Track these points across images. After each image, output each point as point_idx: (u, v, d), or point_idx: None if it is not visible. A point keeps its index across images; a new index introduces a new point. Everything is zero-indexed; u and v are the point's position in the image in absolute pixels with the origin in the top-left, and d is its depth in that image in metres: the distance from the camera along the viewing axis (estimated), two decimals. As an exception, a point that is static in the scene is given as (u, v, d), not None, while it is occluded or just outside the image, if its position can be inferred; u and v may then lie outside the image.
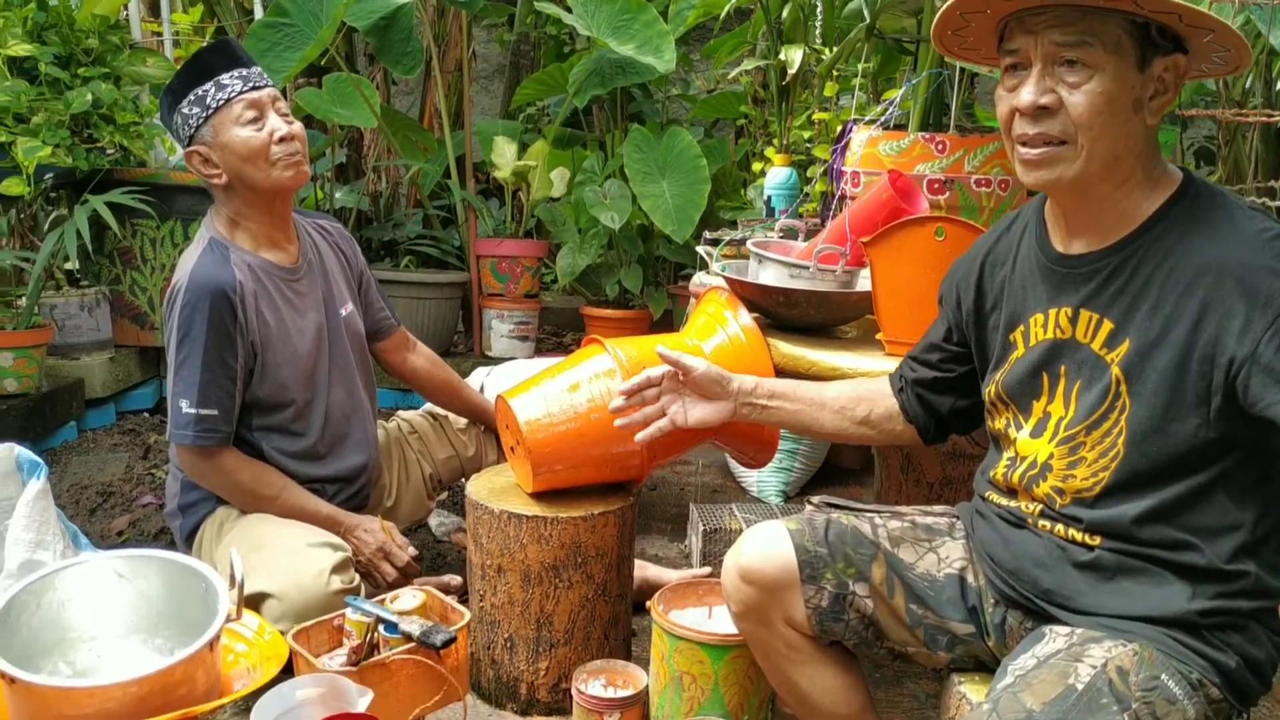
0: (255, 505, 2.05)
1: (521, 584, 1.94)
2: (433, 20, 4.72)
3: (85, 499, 2.78)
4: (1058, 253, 1.36)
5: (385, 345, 2.39)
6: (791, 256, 2.09)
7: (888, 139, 2.13)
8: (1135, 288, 1.27)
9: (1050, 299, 1.36)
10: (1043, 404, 1.37)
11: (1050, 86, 1.24)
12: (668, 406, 1.62)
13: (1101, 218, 1.31)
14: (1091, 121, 1.22)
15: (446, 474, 2.45)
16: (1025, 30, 1.25)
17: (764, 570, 1.49)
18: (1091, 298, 1.31)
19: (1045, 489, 1.35)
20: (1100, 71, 1.21)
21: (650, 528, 2.93)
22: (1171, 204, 1.28)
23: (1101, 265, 1.30)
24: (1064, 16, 1.22)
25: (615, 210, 3.73)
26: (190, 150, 2.02)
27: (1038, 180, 1.28)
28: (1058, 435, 1.34)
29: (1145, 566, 1.27)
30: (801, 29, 3.03)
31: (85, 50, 3.24)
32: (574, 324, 4.63)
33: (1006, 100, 1.29)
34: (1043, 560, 1.35)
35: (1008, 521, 1.42)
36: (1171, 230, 1.26)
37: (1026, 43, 1.25)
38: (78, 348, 3.41)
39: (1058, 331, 1.35)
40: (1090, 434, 1.30)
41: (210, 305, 1.95)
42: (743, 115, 4.21)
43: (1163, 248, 1.26)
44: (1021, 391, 1.40)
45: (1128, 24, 1.21)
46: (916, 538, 1.52)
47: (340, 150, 5.01)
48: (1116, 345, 1.28)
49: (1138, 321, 1.26)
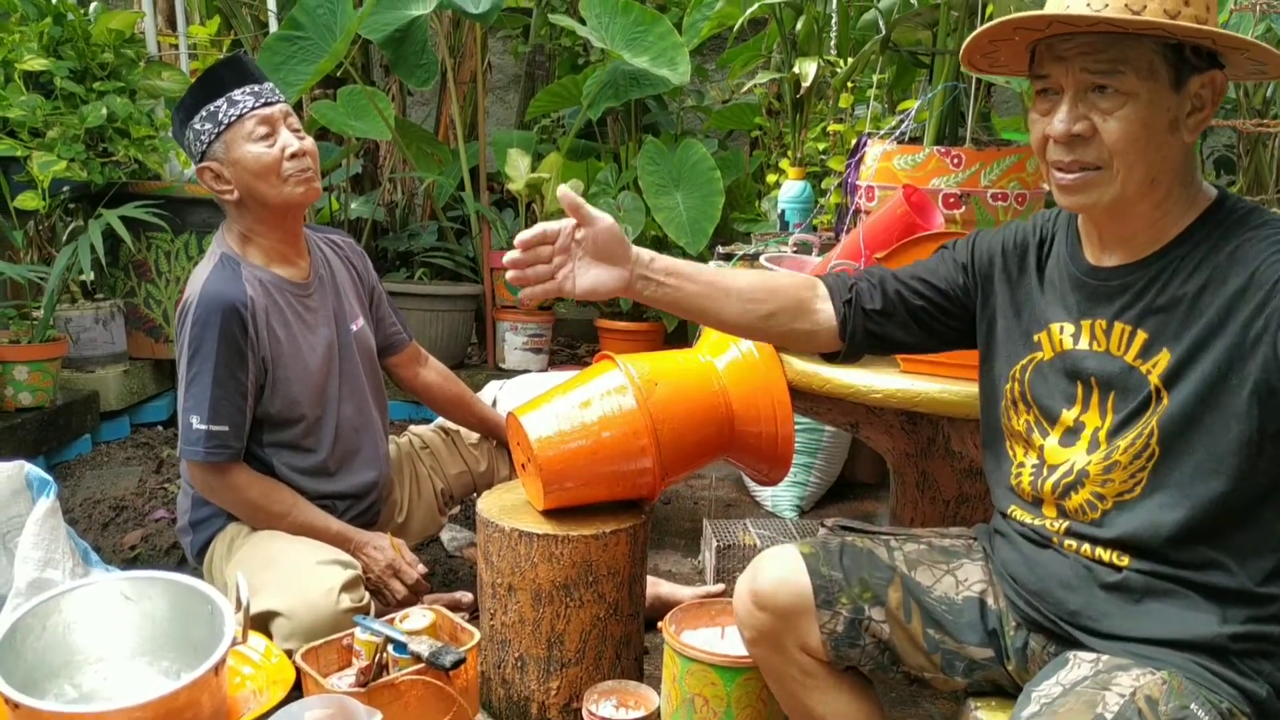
0: (265, 522, 2.04)
1: (532, 603, 1.93)
2: (448, 32, 4.72)
3: (98, 513, 2.78)
4: (1090, 265, 1.35)
5: (397, 360, 2.38)
6: (806, 271, 2.07)
7: (903, 153, 2.10)
8: (1169, 299, 1.25)
9: (1082, 310, 1.35)
10: (1075, 413, 1.35)
11: (1084, 114, 1.23)
12: (559, 269, 1.48)
13: (1136, 232, 1.29)
14: (1127, 148, 1.21)
15: (458, 489, 2.44)
16: (1055, 57, 1.24)
17: (778, 596, 1.46)
18: (1125, 310, 1.30)
19: (1083, 496, 1.32)
20: (1134, 98, 1.20)
21: (664, 543, 2.90)
22: (1205, 219, 1.27)
23: (1135, 279, 1.29)
24: (1094, 43, 1.21)
25: (629, 222, 3.72)
26: (202, 166, 2.02)
27: (1075, 204, 1.28)
28: (1097, 444, 1.31)
29: (1173, 588, 1.25)
30: (816, 41, 3.01)
31: (101, 64, 3.26)
32: (589, 336, 4.61)
33: (1040, 125, 1.28)
34: (1069, 581, 1.33)
35: (1032, 541, 1.39)
36: (1205, 243, 1.25)
37: (1057, 70, 1.24)
38: (92, 361, 3.42)
39: (1094, 344, 1.33)
40: (1124, 436, 1.28)
41: (221, 321, 1.94)
42: (757, 127, 4.19)
43: (1195, 260, 1.24)
44: (1048, 395, 1.38)
45: (1161, 46, 1.20)
46: (934, 560, 1.49)
47: (356, 161, 5.03)
48: (1152, 356, 1.26)
49: (1174, 333, 1.24)
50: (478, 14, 3.63)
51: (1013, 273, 1.46)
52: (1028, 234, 1.47)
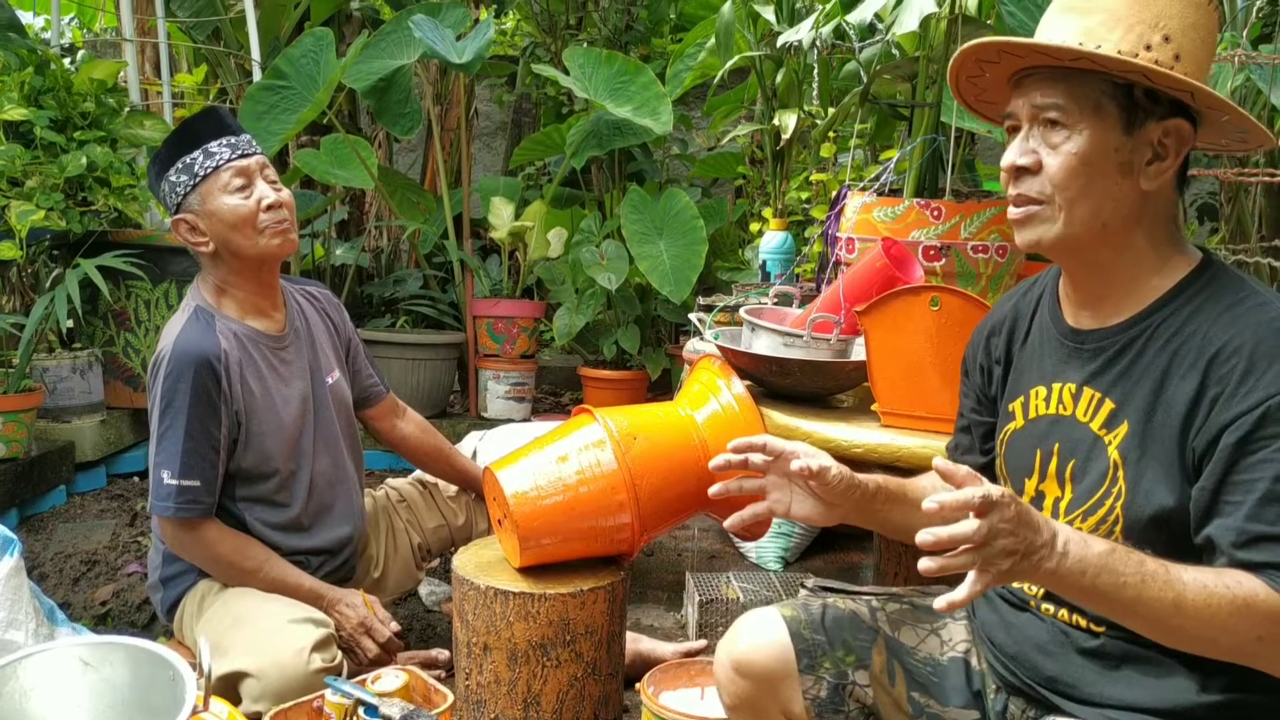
0: (237, 578, 2.00)
1: (508, 662, 1.88)
2: (435, 80, 4.75)
3: (69, 568, 2.73)
4: (1068, 326, 1.33)
5: (373, 413, 2.35)
6: (785, 324, 2.06)
7: (882, 205, 2.10)
8: (1140, 369, 1.22)
9: (1055, 373, 1.33)
10: (1034, 482, 1.33)
11: (1033, 148, 1.23)
12: (770, 489, 1.39)
13: (1109, 291, 1.26)
14: (1066, 182, 1.21)
15: (436, 543, 2.40)
16: (1019, 92, 1.26)
17: (759, 661, 1.42)
18: (1096, 376, 1.27)
19: None
20: (1077, 133, 1.20)
21: (646, 596, 2.86)
22: (1186, 284, 1.23)
23: (1108, 343, 1.26)
24: (1047, 77, 1.22)
25: (612, 271, 3.71)
26: (177, 218, 2.00)
27: (1022, 240, 1.28)
28: (1055, 518, 1.27)
29: (1151, 655, 1.21)
30: (796, 93, 3.03)
31: (82, 114, 3.25)
32: (572, 384, 4.59)
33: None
34: (1046, 646, 1.30)
35: (1010, 604, 1.37)
36: (1182, 311, 1.21)
37: (1018, 104, 1.26)
38: (69, 410, 3.37)
39: (1060, 407, 1.31)
40: (1087, 519, 1.25)
41: (194, 375, 1.92)
42: (741, 175, 4.21)
43: (1170, 329, 1.21)
44: (1017, 465, 1.37)
45: (1108, 85, 1.20)
46: (917, 619, 1.46)
47: (342, 207, 5.03)
48: (1115, 427, 1.24)
49: (1137, 404, 1.22)
50: (461, 64, 3.64)
51: (1006, 351, 1.44)
52: (1017, 306, 1.45)
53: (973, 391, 1.51)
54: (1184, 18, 1.19)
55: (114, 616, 2.53)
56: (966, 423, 1.53)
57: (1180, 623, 1.09)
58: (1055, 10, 1.26)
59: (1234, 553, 1.11)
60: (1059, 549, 1.08)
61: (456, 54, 3.68)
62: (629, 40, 4.32)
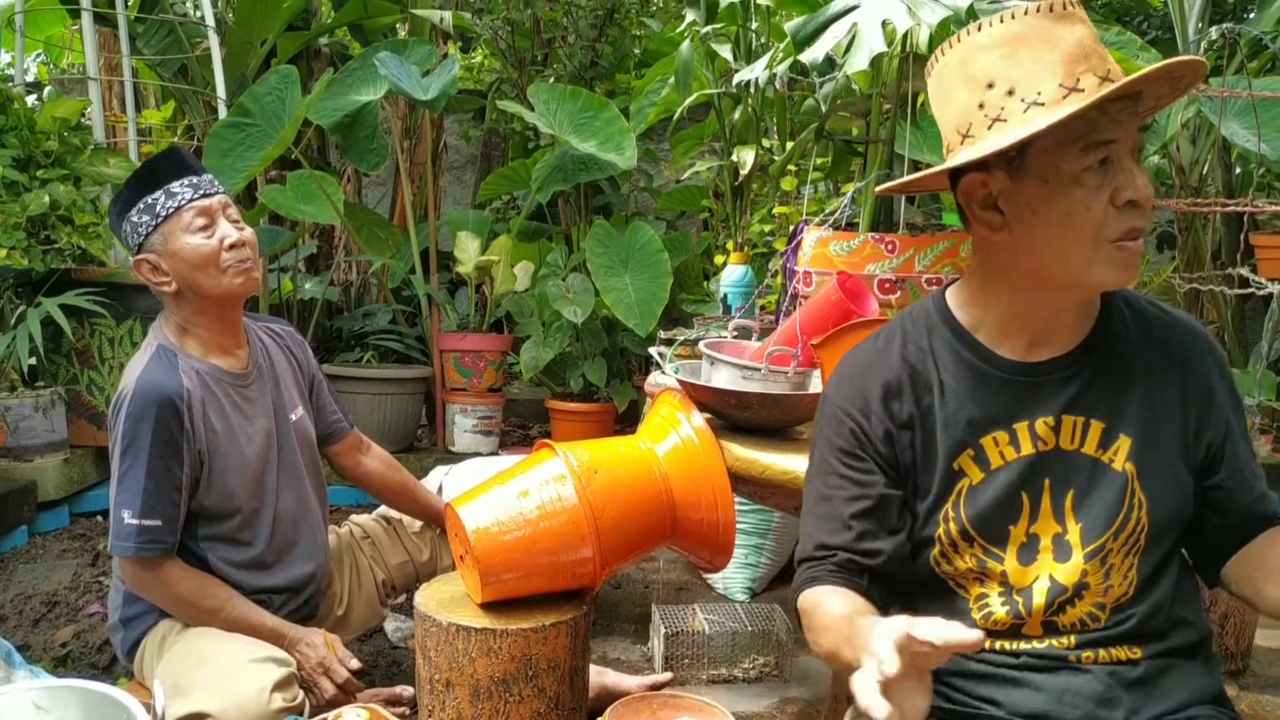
0: (198, 618, 1.99)
1: (471, 699, 1.88)
2: (403, 114, 4.78)
3: (29, 609, 2.70)
4: (1015, 362, 1.27)
5: (337, 449, 2.35)
6: (745, 357, 2.09)
7: (838, 239, 2.14)
8: (1118, 383, 1.27)
9: (1015, 412, 1.27)
10: (1023, 527, 1.26)
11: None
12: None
13: (1069, 320, 1.28)
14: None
15: (400, 580, 2.40)
16: (1113, 120, 1.14)
17: None
18: (1074, 402, 1.26)
19: (1083, 609, 1.25)
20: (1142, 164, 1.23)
21: (613, 629, 2.86)
22: (1109, 302, 1.31)
23: (1080, 367, 1.27)
24: (1132, 108, 1.15)
25: (578, 304, 3.73)
26: (140, 258, 2.01)
27: (1132, 277, 1.17)
28: (1075, 552, 1.24)
29: (1174, 661, 1.27)
30: (754, 129, 3.07)
31: (45, 152, 3.25)
32: (540, 416, 4.60)
33: (1100, 196, 1.15)
34: (1105, 696, 1.23)
35: (1040, 670, 1.25)
36: (1128, 324, 1.29)
37: (1121, 133, 1.15)
38: (31, 449, 3.34)
39: (1038, 444, 1.26)
40: (1118, 538, 1.25)
41: (156, 414, 1.92)
42: (706, 209, 4.25)
43: (1127, 341, 1.29)
44: (993, 520, 1.27)
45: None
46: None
47: (311, 241, 5.03)
48: (1112, 444, 1.25)
49: (1130, 416, 1.26)
50: (426, 101, 3.67)
51: (916, 411, 1.30)
52: (905, 362, 1.32)
53: (877, 465, 1.31)
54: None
55: (75, 658, 2.51)
56: (874, 503, 1.29)
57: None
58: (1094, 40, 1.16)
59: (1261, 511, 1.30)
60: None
61: (422, 91, 3.71)
62: (594, 76, 4.37)
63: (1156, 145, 3.84)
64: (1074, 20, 1.16)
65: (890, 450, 1.31)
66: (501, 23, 4.34)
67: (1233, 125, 3.57)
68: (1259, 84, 3.64)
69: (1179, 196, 4.02)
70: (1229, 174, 4.31)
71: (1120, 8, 5.41)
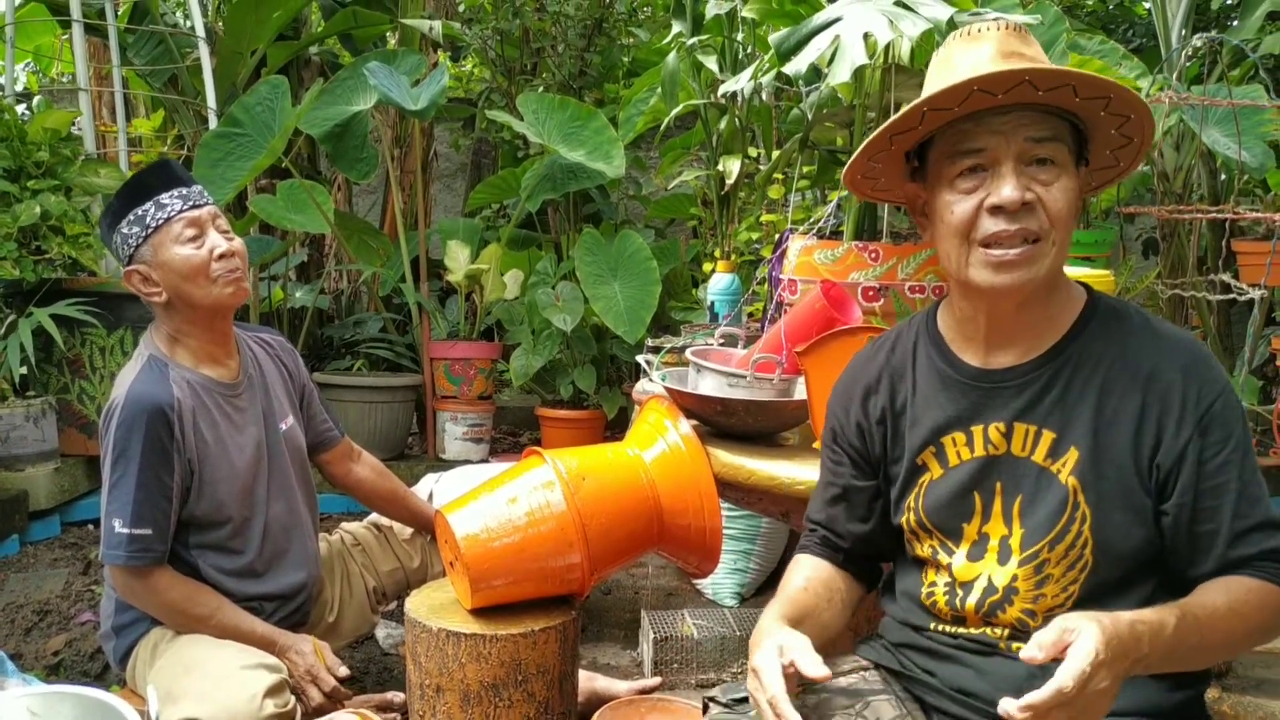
0: (188, 625, 2.00)
1: (461, 704, 1.90)
2: (394, 123, 4.80)
3: (21, 618, 2.71)
4: (975, 368, 1.35)
5: (328, 457, 2.37)
6: (731, 364, 2.11)
7: (822, 248, 2.16)
8: (1074, 396, 1.28)
9: (971, 416, 1.34)
10: (975, 525, 1.34)
11: (1026, 184, 1.22)
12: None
13: (1035, 326, 1.31)
14: (1065, 218, 1.24)
15: (391, 587, 2.41)
16: (989, 131, 1.23)
17: None
18: (1027, 410, 1.30)
19: (1014, 613, 1.30)
20: (1065, 170, 1.24)
21: (603, 634, 2.88)
22: (1088, 313, 1.31)
23: (1035, 376, 1.30)
24: (1032, 116, 1.23)
25: (567, 312, 3.76)
26: (130, 269, 2.02)
27: (1011, 281, 1.24)
28: (1013, 556, 1.30)
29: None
30: (739, 139, 3.10)
31: (36, 163, 3.26)
32: (530, 424, 4.62)
33: (969, 201, 1.25)
34: (1026, 684, 1.22)
35: (973, 652, 1.34)
36: (1098, 336, 1.29)
37: (995, 142, 1.23)
38: (22, 459, 3.35)
39: (989, 448, 1.32)
40: (1054, 548, 1.27)
41: (147, 423, 1.93)
42: (694, 216, 4.28)
43: (1094, 353, 1.28)
44: (947, 515, 1.36)
45: (1070, 125, 1.26)
46: (842, 705, 1.37)
47: (302, 249, 5.05)
48: (1062, 455, 1.28)
49: (1081, 429, 1.27)
50: (416, 111, 3.69)
51: (890, 409, 1.42)
52: (888, 363, 1.45)
53: (848, 458, 1.48)
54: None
55: (66, 666, 2.52)
56: (842, 491, 1.48)
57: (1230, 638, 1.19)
58: (997, 55, 1.26)
59: (1227, 552, 1.21)
60: (1145, 652, 1.11)
61: (411, 100, 3.74)
62: (583, 85, 4.40)
63: (1139, 152, 3.87)
64: (982, 41, 1.29)
65: (862, 444, 1.46)
66: (491, 32, 4.37)
67: (1214, 133, 3.62)
68: (1240, 92, 3.69)
69: (1162, 203, 4.05)
70: (1214, 179, 4.36)
71: (1106, 16, 5.47)
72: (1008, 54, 1.26)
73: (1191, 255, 4.32)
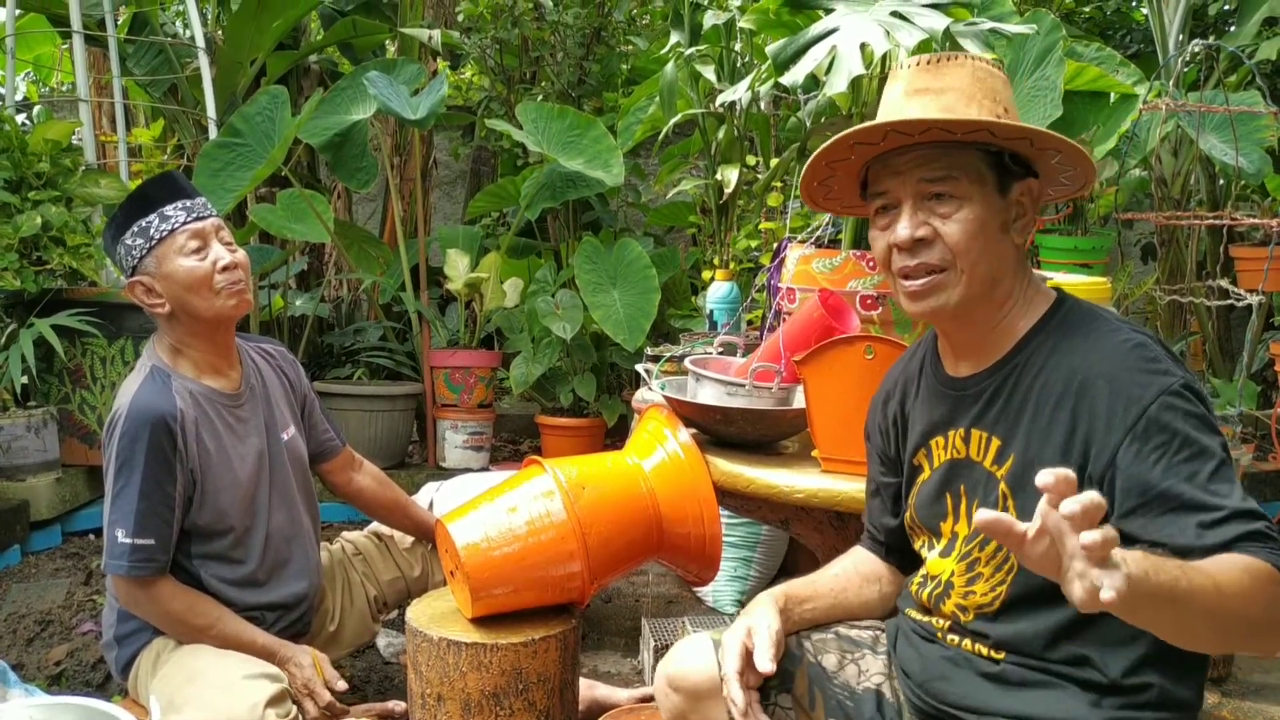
0: (190, 635, 2.01)
1: (462, 713, 1.91)
2: (394, 131, 4.81)
3: (23, 629, 2.72)
4: (949, 376, 1.44)
5: (329, 467, 2.38)
6: (729, 373, 2.12)
7: (820, 256, 2.17)
8: (1016, 403, 1.33)
9: (947, 422, 1.42)
10: (949, 525, 1.43)
11: (923, 220, 1.31)
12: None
13: (986, 339, 1.37)
14: (968, 246, 1.30)
15: (392, 596, 2.42)
16: (891, 173, 1.33)
17: (689, 677, 1.50)
18: (980, 417, 1.37)
19: (950, 606, 1.40)
20: (968, 201, 1.30)
21: (604, 643, 2.89)
22: (1044, 321, 1.36)
23: (987, 385, 1.37)
24: (927, 155, 1.31)
25: (567, 320, 3.77)
26: (133, 281, 2.03)
27: (924, 309, 1.34)
28: (956, 553, 1.39)
29: (1049, 680, 1.30)
30: (738, 148, 3.11)
31: (37, 174, 3.28)
32: (530, 432, 4.62)
33: (882, 239, 1.36)
34: (949, 673, 1.39)
35: (920, 636, 1.46)
36: (1044, 346, 1.33)
37: (894, 184, 1.33)
38: (24, 469, 3.36)
39: (954, 452, 1.41)
40: (984, 549, 1.35)
41: (150, 434, 1.94)
42: (693, 224, 4.29)
43: (1037, 362, 1.33)
44: (930, 514, 1.45)
45: (984, 154, 1.31)
46: (840, 647, 1.53)
47: (302, 257, 5.06)
48: (1004, 461, 1.33)
49: (1020, 436, 1.31)
50: (415, 120, 3.71)
51: (900, 413, 1.54)
52: (905, 370, 1.56)
53: (876, 456, 1.61)
54: (1008, 94, 1.35)
55: (68, 676, 2.53)
56: (876, 487, 1.62)
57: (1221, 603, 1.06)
58: (903, 94, 1.35)
59: (1203, 544, 1.13)
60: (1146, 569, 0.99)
61: (411, 110, 3.75)
62: (582, 94, 4.41)
63: (1137, 158, 3.89)
64: (896, 80, 1.38)
65: (883, 443, 1.58)
66: (490, 41, 4.39)
67: (1211, 139, 3.63)
68: (1236, 98, 3.70)
69: (1161, 209, 4.06)
70: (1213, 184, 4.36)
71: (1103, 23, 5.48)
72: (915, 91, 1.33)
73: (1190, 261, 4.32)
